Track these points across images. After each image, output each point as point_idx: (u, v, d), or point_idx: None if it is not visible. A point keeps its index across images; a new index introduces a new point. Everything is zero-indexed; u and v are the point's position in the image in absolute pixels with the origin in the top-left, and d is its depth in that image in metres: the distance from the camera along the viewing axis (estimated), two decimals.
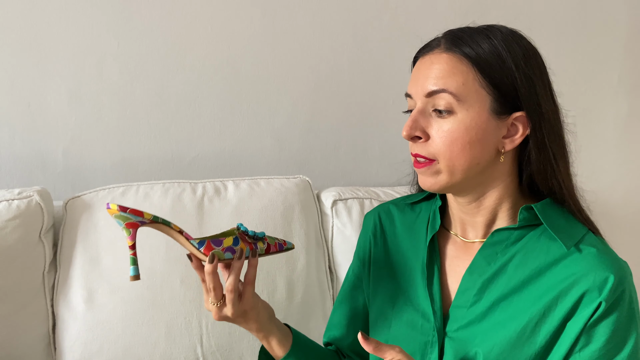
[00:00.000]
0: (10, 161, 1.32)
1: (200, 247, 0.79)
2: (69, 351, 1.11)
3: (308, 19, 1.45)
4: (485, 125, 0.76)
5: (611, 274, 0.73)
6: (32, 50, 1.30)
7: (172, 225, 0.79)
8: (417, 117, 0.77)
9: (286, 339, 0.87)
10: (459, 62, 0.75)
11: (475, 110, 0.75)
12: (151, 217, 0.77)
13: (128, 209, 0.75)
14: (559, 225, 0.78)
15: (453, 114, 0.75)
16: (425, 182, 0.79)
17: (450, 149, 0.75)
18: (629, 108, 1.73)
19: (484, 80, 0.75)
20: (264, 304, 0.86)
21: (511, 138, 0.78)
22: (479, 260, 0.81)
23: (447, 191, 0.81)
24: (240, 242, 0.81)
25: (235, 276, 0.79)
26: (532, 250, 0.79)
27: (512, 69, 0.75)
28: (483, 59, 0.75)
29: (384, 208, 0.97)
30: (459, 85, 0.75)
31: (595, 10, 1.65)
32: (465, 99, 0.75)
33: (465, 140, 0.75)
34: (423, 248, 0.87)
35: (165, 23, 1.36)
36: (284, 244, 0.88)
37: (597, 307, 0.72)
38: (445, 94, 0.75)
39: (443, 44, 0.78)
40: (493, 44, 0.76)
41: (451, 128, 0.75)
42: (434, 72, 0.76)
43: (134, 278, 0.76)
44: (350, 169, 1.54)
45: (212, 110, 1.42)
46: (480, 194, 0.81)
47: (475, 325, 0.78)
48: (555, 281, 0.76)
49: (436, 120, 0.77)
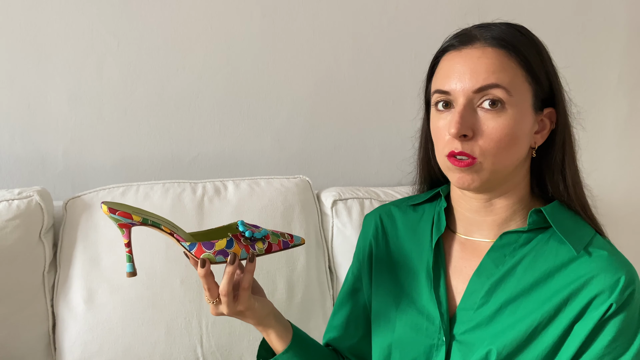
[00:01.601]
0: (10, 161, 1.32)
1: (191, 249, 0.77)
2: (69, 351, 1.11)
3: (308, 19, 1.45)
4: (528, 120, 0.76)
5: (622, 275, 0.73)
6: (32, 50, 1.30)
7: (162, 227, 0.77)
8: (465, 114, 0.74)
9: (286, 334, 0.87)
10: (507, 57, 0.74)
11: (523, 105, 0.75)
12: (140, 220, 0.75)
13: (117, 212, 0.74)
14: (568, 228, 0.78)
15: (504, 109, 0.73)
16: (464, 180, 0.76)
17: (498, 146, 0.73)
18: (629, 108, 1.73)
19: (528, 75, 0.75)
20: (262, 303, 0.84)
21: (541, 133, 0.78)
22: (487, 263, 0.80)
23: (480, 188, 0.78)
24: (234, 245, 0.78)
25: (228, 281, 0.77)
26: (541, 253, 0.78)
27: (547, 64, 0.77)
28: (526, 54, 0.75)
29: (384, 209, 0.96)
30: (511, 80, 0.73)
31: (595, 10, 1.65)
32: (515, 94, 0.74)
33: (513, 136, 0.74)
34: (428, 250, 0.86)
35: (165, 23, 1.36)
36: (290, 240, 0.84)
37: (608, 309, 0.72)
38: (498, 90, 0.73)
39: (484, 38, 0.76)
40: (528, 39, 0.76)
41: (503, 124, 0.73)
42: (483, 66, 0.74)
43: (130, 274, 0.76)
44: (350, 169, 1.54)
45: (212, 110, 1.42)
46: (502, 192, 0.80)
47: (482, 327, 0.78)
48: (565, 283, 0.75)
49: (485, 116, 0.74)
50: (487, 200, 0.81)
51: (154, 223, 0.77)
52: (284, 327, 0.87)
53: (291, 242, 0.84)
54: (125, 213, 0.74)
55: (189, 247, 0.77)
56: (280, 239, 0.83)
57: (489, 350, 0.75)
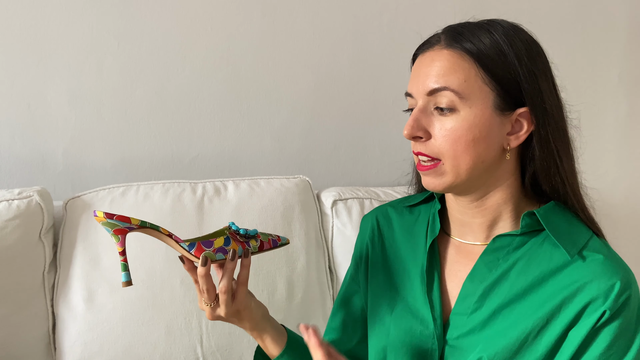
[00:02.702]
0: (10, 161, 1.32)
1: (191, 249, 0.78)
2: (69, 351, 1.11)
3: (308, 18, 1.45)
4: (489, 122, 0.74)
5: (617, 280, 0.71)
6: (32, 50, 1.30)
7: (160, 229, 0.77)
8: (419, 116, 0.75)
9: (280, 338, 0.86)
10: (460, 59, 0.74)
11: (478, 107, 0.73)
12: (139, 222, 0.75)
13: (115, 216, 0.74)
14: (562, 231, 0.76)
15: (455, 111, 0.73)
16: (429, 183, 0.77)
17: (453, 148, 0.74)
18: (629, 108, 1.73)
19: (486, 76, 0.73)
20: (257, 303, 0.85)
21: (516, 135, 0.76)
22: (480, 267, 0.79)
23: (451, 191, 0.79)
24: (231, 242, 0.80)
25: (228, 277, 0.78)
26: (534, 256, 0.77)
27: (515, 64, 0.74)
28: (485, 54, 0.73)
29: (381, 211, 0.96)
30: (461, 82, 0.73)
31: (595, 10, 1.65)
32: (468, 96, 0.73)
33: (469, 139, 0.73)
34: (422, 253, 0.85)
35: (165, 23, 1.36)
36: (278, 239, 0.86)
37: (601, 316, 0.71)
38: (447, 92, 0.73)
39: (443, 40, 0.76)
40: (494, 39, 0.74)
41: (454, 126, 0.73)
42: (435, 69, 0.74)
43: (126, 284, 0.76)
44: (350, 169, 1.54)
45: (212, 110, 1.42)
46: (484, 193, 0.79)
47: (476, 333, 0.77)
48: (559, 288, 0.74)
49: (438, 118, 0.75)
50: (474, 201, 0.80)
51: (152, 225, 0.77)
52: (278, 331, 0.87)
53: (279, 240, 0.87)
54: (123, 217, 0.74)
55: (188, 247, 0.78)
56: (269, 237, 0.86)
57: (481, 357, 0.74)
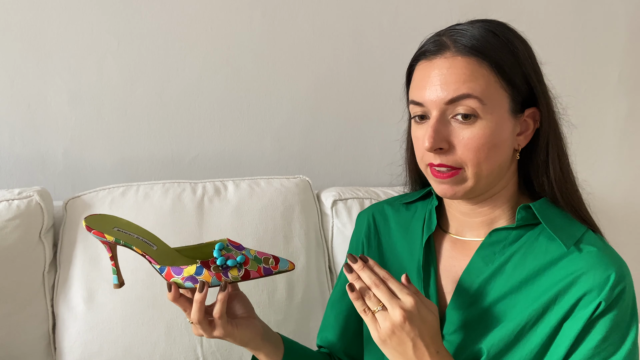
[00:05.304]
0: (10, 161, 1.32)
1: (162, 272, 0.77)
2: (69, 351, 1.11)
3: (308, 19, 1.45)
4: (506, 126, 0.74)
5: (612, 272, 0.72)
6: (32, 50, 1.30)
7: (134, 249, 0.77)
8: (438, 127, 0.73)
9: (276, 353, 0.85)
10: (478, 65, 0.72)
11: (498, 112, 0.73)
12: (112, 240, 0.76)
13: (92, 231, 0.76)
14: (558, 224, 0.77)
15: (478, 119, 0.72)
16: (447, 190, 0.76)
17: (477, 156, 0.73)
18: (629, 108, 1.73)
19: (503, 81, 0.73)
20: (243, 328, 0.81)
21: (524, 134, 0.77)
22: (477, 261, 0.80)
23: (467, 197, 0.78)
24: (203, 272, 0.76)
25: (197, 309, 0.75)
26: (530, 250, 0.78)
27: (524, 64, 0.74)
28: (499, 59, 0.73)
29: (377, 208, 0.96)
30: (483, 89, 0.72)
31: (595, 10, 1.65)
32: (489, 102, 0.72)
33: (492, 145, 0.73)
34: (419, 248, 0.86)
35: (165, 23, 1.36)
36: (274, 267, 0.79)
37: (597, 307, 0.71)
38: (470, 100, 0.72)
39: (454, 46, 0.74)
40: (501, 41, 0.74)
41: (477, 134, 0.72)
42: (454, 77, 0.72)
43: (117, 286, 0.78)
44: (350, 169, 1.54)
45: (212, 110, 1.42)
46: (491, 194, 0.79)
47: (472, 327, 0.77)
48: (554, 280, 0.74)
49: (459, 127, 0.73)
50: (475, 204, 0.80)
51: (126, 244, 0.77)
52: (274, 345, 0.85)
53: (274, 268, 0.79)
54: (99, 232, 0.76)
55: (159, 270, 0.77)
56: (261, 265, 0.79)
57: (478, 349, 0.75)
